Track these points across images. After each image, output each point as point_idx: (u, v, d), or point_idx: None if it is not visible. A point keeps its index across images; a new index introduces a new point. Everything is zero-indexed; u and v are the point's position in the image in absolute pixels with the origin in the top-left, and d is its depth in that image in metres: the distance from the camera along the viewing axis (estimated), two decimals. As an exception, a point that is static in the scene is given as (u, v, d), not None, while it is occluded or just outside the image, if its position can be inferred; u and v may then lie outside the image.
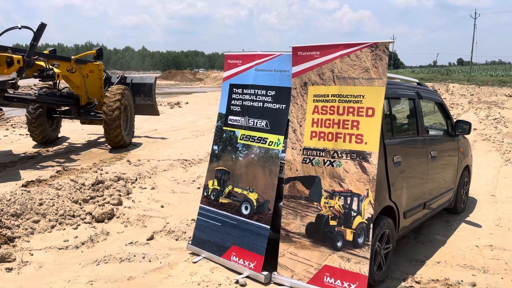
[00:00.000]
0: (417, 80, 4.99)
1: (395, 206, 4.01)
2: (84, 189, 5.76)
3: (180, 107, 20.13)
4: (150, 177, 7.21)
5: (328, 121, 3.71)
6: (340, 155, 3.63)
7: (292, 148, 3.88)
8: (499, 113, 17.80)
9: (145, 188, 6.65)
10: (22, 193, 4.94)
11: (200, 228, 4.42)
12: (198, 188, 6.84)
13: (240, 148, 4.28)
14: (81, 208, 5.32)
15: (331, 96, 3.70)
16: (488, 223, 5.43)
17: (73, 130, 11.56)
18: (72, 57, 8.97)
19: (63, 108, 9.44)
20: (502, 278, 4.00)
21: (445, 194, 5.23)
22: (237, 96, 4.41)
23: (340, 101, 3.65)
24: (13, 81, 7.16)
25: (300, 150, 3.84)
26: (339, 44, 3.69)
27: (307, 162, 3.79)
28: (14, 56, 6.88)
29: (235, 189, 4.25)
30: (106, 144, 9.56)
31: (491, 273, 4.10)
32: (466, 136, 5.79)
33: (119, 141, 8.96)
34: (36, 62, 7.33)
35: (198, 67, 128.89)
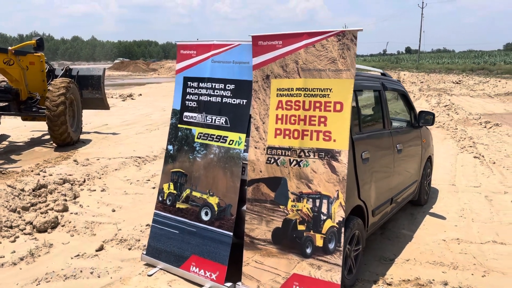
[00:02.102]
0: (381, 71, 4.79)
1: (364, 205, 3.80)
2: (24, 195, 5.18)
3: (133, 99, 19.29)
4: (100, 178, 6.67)
5: (294, 117, 3.40)
6: (307, 154, 3.35)
7: (255, 147, 3.56)
8: (449, 100, 18.35)
9: (94, 190, 6.13)
10: None
11: (155, 236, 4.02)
12: (153, 188, 6.40)
13: (197, 148, 3.91)
14: (20, 217, 4.75)
15: (296, 90, 3.40)
16: (452, 215, 5.39)
17: (14, 127, 10.67)
18: (9, 48, 8.15)
19: (1, 104, 8.60)
20: (472, 274, 3.90)
21: (410, 187, 5.12)
22: (192, 90, 4.01)
23: (305, 95, 3.36)
24: None
25: (264, 150, 3.52)
26: (303, 32, 3.38)
27: (271, 162, 3.48)
28: None
29: (194, 193, 3.88)
30: (51, 142, 8.84)
31: (460, 269, 3.99)
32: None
33: (65, 138, 8.29)
34: None
35: (151, 57, 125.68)
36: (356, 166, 3.64)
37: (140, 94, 21.35)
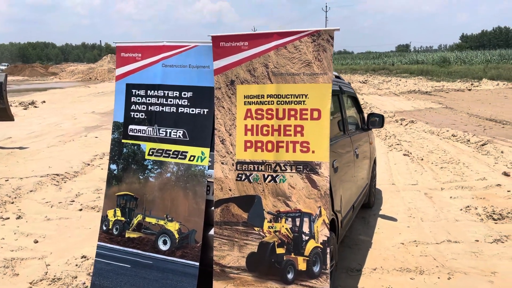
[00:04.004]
0: (335, 73, 4.61)
1: (336, 217, 3.56)
2: None
3: (36, 107, 17.39)
4: (12, 203, 5.68)
5: (266, 127, 3.04)
6: (283, 168, 3.00)
7: (222, 163, 3.13)
8: (363, 99, 19.30)
9: (8, 218, 5.18)
10: None
11: (100, 273, 3.38)
12: (80, 210, 5.60)
13: (150, 166, 3.36)
14: None
15: (268, 97, 3.03)
16: (401, 215, 5.42)
17: None
18: None
19: None
20: (438, 278, 3.87)
21: (364, 190, 5.03)
22: (138, 99, 3.45)
23: (279, 102, 3.01)
24: None
25: (233, 165, 3.10)
26: (272, 32, 3.03)
27: (242, 179, 3.08)
28: None
29: (147, 219, 3.32)
30: None
31: (427, 274, 3.94)
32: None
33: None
34: None
35: (49, 59, 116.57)
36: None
37: (44, 101, 19.37)
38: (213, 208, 3.15)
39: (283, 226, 2.99)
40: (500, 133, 10.71)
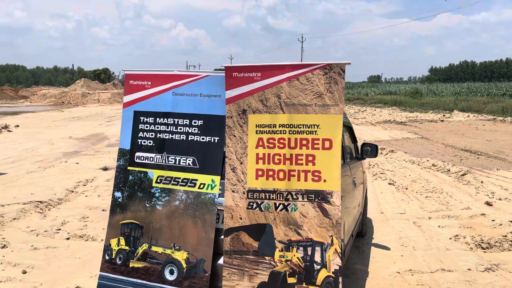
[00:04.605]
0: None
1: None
2: None
3: (9, 131, 16.90)
4: (-4, 231, 5.44)
5: (278, 156, 3.08)
6: (295, 197, 3.03)
7: (233, 191, 3.13)
8: (340, 129, 19.64)
9: (-8, 247, 4.95)
10: None
11: (103, 305, 3.27)
12: (68, 239, 5.42)
13: (157, 194, 3.32)
14: None
15: (280, 127, 3.09)
16: (394, 244, 5.49)
17: None
18: None
19: None
20: (438, 306, 3.91)
21: (359, 218, 5.09)
22: (146, 126, 3.44)
23: (291, 132, 3.07)
24: None
25: (244, 193, 3.11)
26: (284, 64, 3.12)
27: (253, 207, 3.08)
28: None
29: (154, 248, 3.26)
30: None
31: (426, 302, 3.98)
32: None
33: None
34: None
35: (19, 82, 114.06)
36: (335, 206, 3.43)
37: (17, 125, 18.86)
38: (222, 236, 3.13)
39: (294, 255, 2.99)
40: (476, 164, 11.09)
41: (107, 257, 3.38)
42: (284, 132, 3.07)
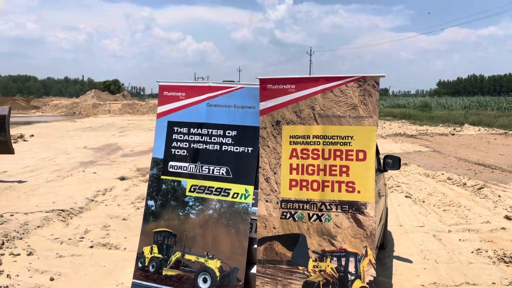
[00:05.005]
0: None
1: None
2: None
3: (25, 140, 17.12)
4: (21, 238, 5.53)
5: (312, 167, 3.13)
6: (329, 207, 3.07)
7: (266, 201, 3.18)
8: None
9: (19, 254, 5.02)
10: None
11: (136, 312, 3.31)
12: (91, 247, 5.48)
13: (190, 203, 3.38)
14: None
15: (313, 138, 3.15)
16: (416, 257, 5.47)
17: None
18: None
19: None
20: (466, 320, 3.89)
21: (381, 231, 5.10)
22: (180, 136, 3.52)
23: (324, 143, 3.12)
24: None
25: (277, 203, 3.16)
26: (319, 77, 3.19)
27: (287, 217, 3.13)
28: None
29: (187, 257, 3.31)
30: None
31: (453, 316, 3.96)
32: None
33: (-36, 190, 6.85)
34: None
35: (30, 93, 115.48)
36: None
37: (32, 135, 19.10)
38: (256, 246, 3.17)
39: (328, 266, 3.02)
40: (491, 177, 11.02)
41: (140, 265, 3.43)
42: (318, 143, 3.13)
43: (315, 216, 3.08)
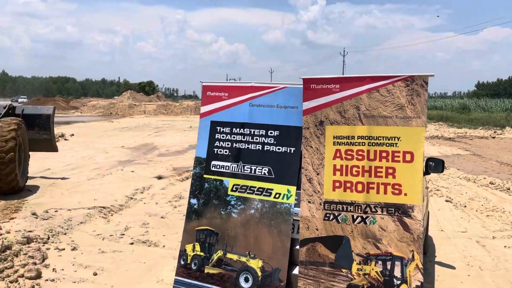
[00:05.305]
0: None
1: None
2: (-14, 261, 4.18)
3: (66, 139, 17.72)
4: (65, 234, 5.72)
5: (356, 168, 3.08)
6: (374, 210, 3.01)
7: (309, 202, 3.15)
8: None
9: (63, 249, 5.19)
10: None
11: (178, 308, 3.35)
12: (132, 244, 5.60)
13: (232, 202, 3.40)
14: (-14, 291, 3.79)
15: (358, 138, 3.10)
16: (459, 263, 5.30)
17: None
18: None
19: None
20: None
21: (423, 235, 4.96)
22: (223, 136, 3.54)
23: (370, 144, 3.06)
24: None
25: (320, 204, 3.13)
26: (364, 76, 3.13)
27: (330, 218, 3.09)
28: None
29: (229, 255, 3.33)
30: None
31: (502, 325, 3.80)
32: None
33: (14, 186, 7.18)
34: None
35: (69, 94, 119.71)
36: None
37: (73, 134, 19.75)
38: (298, 247, 3.15)
39: (373, 269, 2.96)
40: (537, 183, 10.53)
41: (182, 262, 3.47)
42: (363, 144, 3.08)
43: (359, 218, 3.03)
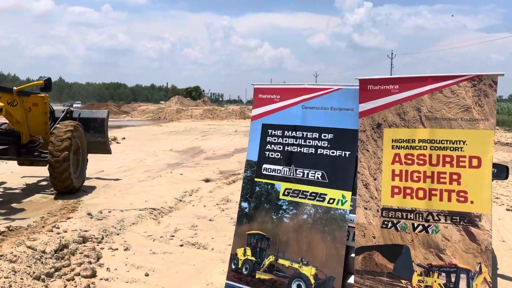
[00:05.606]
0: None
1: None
2: (46, 258, 4.35)
3: (118, 143, 18.37)
4: (118, 234, 5.86)
5: (417, 173, 2.91)
6: (436, 218, 2.83)
7: (365, 208, 3.01)
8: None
9: (117, 249, 5.32)
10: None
11: (228, 313, 3.31)
12: (181, 245, 5.65)
13: (284, 207, 3.32)
14: (46, 286, 3.92)
15: (419, 142, 2.92)
16: (525, 277, 4.92)
17: (1, 172, 9.65)
18: (14, 88, 7.45)
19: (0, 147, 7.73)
20: None
21: (485, 247, 4.64)
22: (274, 139, 3.47)
23: (432, 148, 2.88)
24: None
25: (378, 211, 2.98)
26: (426, 76, 2.96)
27: (388, 226, 2.93)
28: None
29: (280, 261, 3.24)
30: (51, 190, 7.97)
31: None
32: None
33: (68, 185, 7.49)
34: None
35: (120, 99, 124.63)
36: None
37: (124, 138, 20.45)
38: (353, 255, 3.01)
39: (435, 281, 2.77)
40: None
41: (233, 266, 3.43)
42: (425, 147, 2.90)
43: (420, 227, 2.86)
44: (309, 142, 3.32)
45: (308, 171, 3.28)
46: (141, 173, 10.80)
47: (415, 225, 2.87)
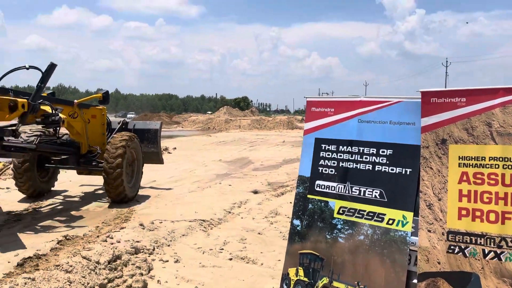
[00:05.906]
0: None
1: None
2: (100, 268, 4.43)
3: (169, 153, 18.81)
4: (169, 245, 5.90)
5: (488, 194, 2.65)
6: (510, 244, 2.56)
7: (429, 231, 2.79)
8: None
9: (167, 261, 5.34)
10: (25, 283, 3.58)
11: (280, 336, 3.17)
12: (230, 259, 5.58)
13: (339, 226, 3.15)
14: (99, 298, 3.98)
15: (490, 160, 2.67)
16: None
17: (60, 181, 10.11)
18: (75, 101, 7.85)
19: (59, 157, 8.13)
20: None
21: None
22: (328, 154, 3.33)
23: (505, 166, 2.62)
24: (14, 128, 6.02)
25: (443, 234, 2.75)
26: (498, 88, 2.71)
27: (455, 251, 2.69)
28: (18, 99, 5.79)
29: (335, 284, 3.07)
30: (106, 198, 8.25)
31: None
32: None
33: (120, 193, 7.69)
34: (40, 107, 6.19)
35: (172, 110, 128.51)
36: None
37: (175, 148, 20.93)
38: (415, 280, 2.79)
39: (510, 314, 2.50)
40: None
41: (285, 286, 3.30)
42: (497, 166, 2.65)
43: (492, 254, 2.60)
44: (366, 158, 3.14)
45: (365, 189, 3.10)
46: (191, 183, 10.93)
47: (486, 251, 2.61)
